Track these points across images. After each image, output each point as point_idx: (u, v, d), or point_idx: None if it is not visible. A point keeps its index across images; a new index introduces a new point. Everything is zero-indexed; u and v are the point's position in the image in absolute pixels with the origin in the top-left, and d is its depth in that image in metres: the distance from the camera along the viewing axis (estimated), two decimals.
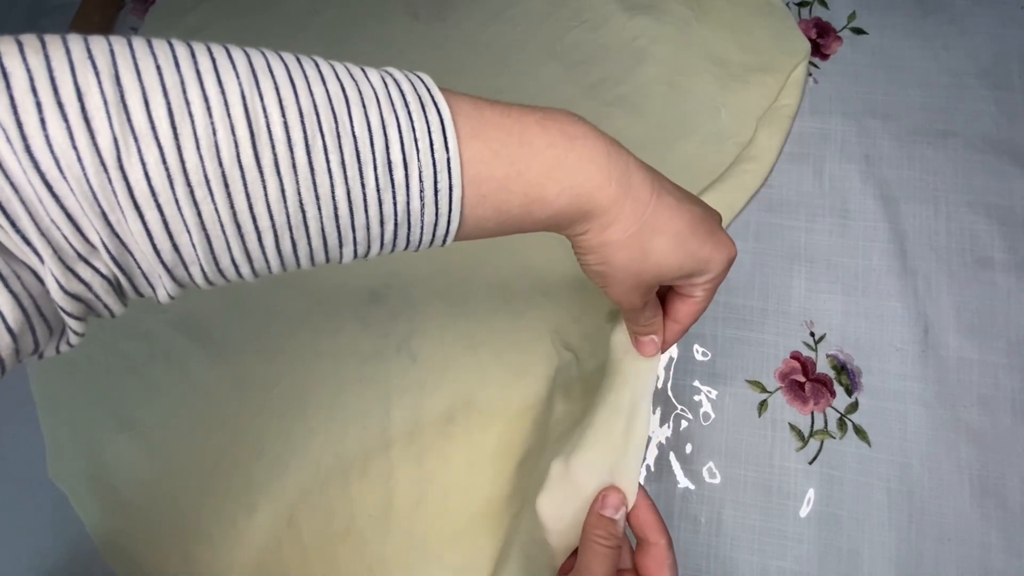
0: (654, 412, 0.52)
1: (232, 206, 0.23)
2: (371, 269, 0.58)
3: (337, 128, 0.24)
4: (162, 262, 0.23)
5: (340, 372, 0.55)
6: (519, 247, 0.57)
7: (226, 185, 0.22)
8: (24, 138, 0.20)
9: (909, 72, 0.60)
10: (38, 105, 0.20)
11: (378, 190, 0.25)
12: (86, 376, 0.57)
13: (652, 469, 0.51)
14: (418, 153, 0.25)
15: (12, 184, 0.20)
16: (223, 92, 0.22)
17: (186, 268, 0.24)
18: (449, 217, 0.27)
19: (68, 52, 0.21)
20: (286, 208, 0.24)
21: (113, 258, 0.22)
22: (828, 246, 0.55)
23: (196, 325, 0.58)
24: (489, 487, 0.51)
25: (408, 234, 0.27)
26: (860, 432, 0.50)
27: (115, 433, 0.55)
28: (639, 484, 0.36)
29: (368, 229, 0.26)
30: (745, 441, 0.51)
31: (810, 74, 0.61)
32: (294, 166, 0.23)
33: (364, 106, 0.25)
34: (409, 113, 0.26)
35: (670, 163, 0.58)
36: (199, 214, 0.23)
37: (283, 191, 0.23)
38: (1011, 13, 0.61)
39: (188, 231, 0.23)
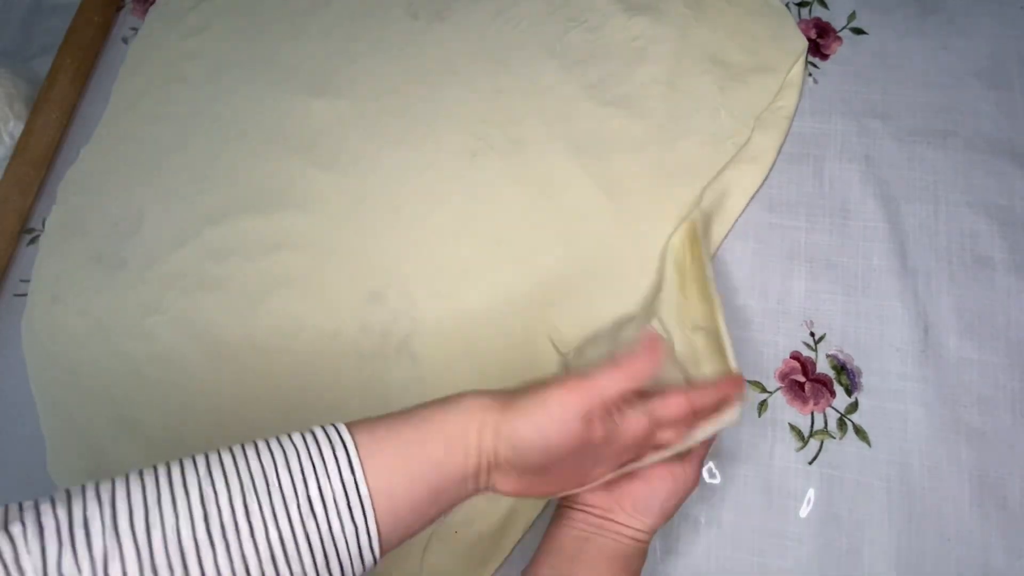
0: None
1: None
2: (371, 269, 0.58)
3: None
4: None
5: (340, 372, 0.55)
6: (518, 246, 0.57)
7: None
8: None
9: (909, 72, 0.60)
10: None
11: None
12: (86, 376, 0.57)
13: None
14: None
15: None
16: None
17: None
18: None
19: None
20: None
21: None
22: (828, 246, 0.55)
23: (196, 325, 0.58)
24: None
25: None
26: (860, 432, 0.50)
27: (115, 433, 0.55)
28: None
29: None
30: (745, 441, 0.51)
31: (810, 74, 0.61)
32: None
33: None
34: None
35: (670, 163, 0.58)
36: None
37: None
38: (1011, 13, 0.61)
39: None
